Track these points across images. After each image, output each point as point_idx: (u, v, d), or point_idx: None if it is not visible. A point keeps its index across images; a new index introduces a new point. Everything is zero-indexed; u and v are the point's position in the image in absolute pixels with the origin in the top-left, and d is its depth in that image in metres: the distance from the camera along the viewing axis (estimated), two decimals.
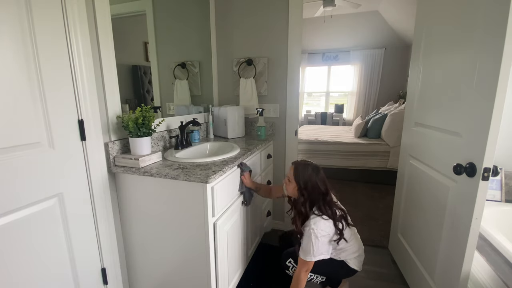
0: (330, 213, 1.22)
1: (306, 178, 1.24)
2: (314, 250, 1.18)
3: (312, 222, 1.20)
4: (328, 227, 1.20)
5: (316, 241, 1.18)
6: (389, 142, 3.26)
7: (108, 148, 1.16)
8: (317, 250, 1.19)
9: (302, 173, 1.25)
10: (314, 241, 1.17)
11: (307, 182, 1.23)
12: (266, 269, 1.72)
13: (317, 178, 1.24)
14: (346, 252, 1.31)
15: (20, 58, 0.85)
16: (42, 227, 0.95)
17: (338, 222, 1.22)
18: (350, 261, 1.32)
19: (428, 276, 1.33)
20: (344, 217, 1.27)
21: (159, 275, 1.27)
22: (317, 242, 1.18)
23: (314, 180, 1.23)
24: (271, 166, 2.06)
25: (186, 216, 1.12)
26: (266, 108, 2.03)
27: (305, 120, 6.38)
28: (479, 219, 0.99)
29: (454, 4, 1.18)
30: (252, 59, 2.00)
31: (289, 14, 1.84)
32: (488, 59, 0.94)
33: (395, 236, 1.80)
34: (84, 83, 1.04)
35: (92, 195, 1.12)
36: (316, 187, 1.23)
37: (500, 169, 1.54)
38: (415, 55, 1.57)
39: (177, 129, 1.59)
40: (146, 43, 1.45)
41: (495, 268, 1.14)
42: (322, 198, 1.24)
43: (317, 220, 1.20)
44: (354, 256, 1.33)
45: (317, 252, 1.19)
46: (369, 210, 2.59)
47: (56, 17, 0.94)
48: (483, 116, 0.95)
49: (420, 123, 1.49)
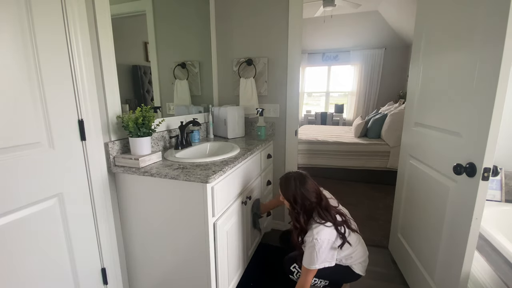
0: (330, 218, 1.20)
1: (292, 192, 1.22)
2: (318, 259, 1.16)
3: (314, 232, 1.17)
4: (330, 234, 1.18)
5: (320, 250, 1.15)
6: (389, 142, 3.26)
7: (108, 148, 1.16)
8: (321, 258, 1.16)
9: (286, 188, 1.24)
10: (318, 250, 1.15)
11: (295, 196, 1.21)
12: (266, 269, 1.72)
13: (303, 189, 1.21)
14: (352, 259, 1.29)
15: (20, 58, 0.85)
16: (42, 227, 0.95)
17: (340, 226, 1.21)
18: (355, 266, 1.31)
19: (428, 276, 1.33)
20: (345, 221, 1.24)
21: (159, 275, 1.27)
22: (320, 250, 1.15)
23: (301, 191, 1.20)
24: (271, 166, 2.06)
25: (186, 216, 1.12)
26: (266, 108, 2.03)
27: (305, 120, 6.38)
28: (479, 219, 0.99)
29: (454, 4, 1.18)
30: (252, 59, 2.00)
31: (289, 14, 1.84)
32: (488, 59, 0.94)
33: (395, 236, 1.80)
34: (84, 83, 1.04)
35: (92, 195, 1.12)
36: (305, 198, 1.20)
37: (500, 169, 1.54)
38: (415, 55, 1.57)
39: (177, 129, 1.59)
40: (146, 43, 1.45)
41: (495, 268, 1.14)
42: (317, 205, 1.22)
43: (320, 229, 1.17)
44: (359, 261, 1.31)
45: (321, 260, 1.16)
46: (369, 210, 2.58)
47: (56, 17, 0.94)
48: (483, 116, 0.95)
49: (420, 123, 1.49)
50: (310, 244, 1.18)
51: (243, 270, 1.55)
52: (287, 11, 1.85)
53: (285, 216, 2.19)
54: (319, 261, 1.16)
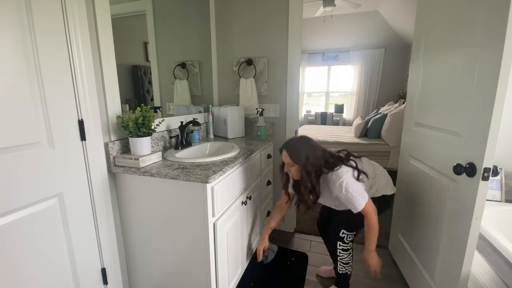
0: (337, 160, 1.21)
1: (305, 151, 1.21)
2: (358, 193, 1.17)
3: (334, 177, 1.18)
4: (347, 171, 1.19)
5: (353, 186, 1.16)
6: (389, 142, 3.26)
7: (108, 148, 1.16)
8: (359, 191, 1.17)
9: (298, 150, 1.22)
10: (352, 187, 1.16)
11: (308, 155, 1.20)
12: (266, 269, 1.72)
13: (312, 146, 1.22)
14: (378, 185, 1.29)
15: (20, 58, 0.85)
16: (42, 227, 0.95)
17: (347, 161, 1.22)
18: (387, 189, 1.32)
19: (428, 276, 1.33)
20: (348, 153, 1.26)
21: (159, 275, 1.27)
22: (353, 186, 1.16)
23: (312, 148, 1.21)
24: (271, 166, 2.06)
25: (186, 216, 1.12)
26: (266, 108, 2.03)
27: (305, 120, 6.39)
28: (479, 219, 0.99)
29: (454, 4, 1.18)
30: (252, 59, 2.00)
31: (289, 14, 1.84)
32: (488, 59, 0.94)
33: (395, 236, 1.80)
34: (84, 83, 1.04)
35: (92, 195, 1.12)
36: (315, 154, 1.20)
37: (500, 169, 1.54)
38: (415, 55, 1.57)
39: (177, 129, 1.59)
40: (146, 43, 1.45)
41: (495, 268, 1.14)
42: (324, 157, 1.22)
43: (336, 173, 1.18)
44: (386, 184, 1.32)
45: (361, 192, 1.18)
46: None
47: (56, 17, 0.94)
48: (483, 116, 0.95)
49: (420, 123, 1.49)
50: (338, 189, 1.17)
51: (243, 270, 1.55)
52: (287, 11, 1.85)
53: (285, 216, 2.18)
54: (360, 194, 1.17)
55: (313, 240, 2.08)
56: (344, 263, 1.42)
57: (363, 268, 1.71)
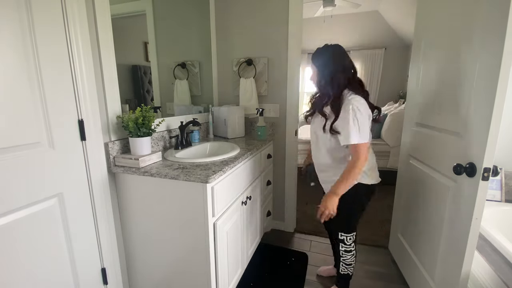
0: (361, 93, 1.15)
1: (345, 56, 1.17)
2: (360, 126, 1.07)
3: (349, 98, 1.11)
4: (365, 103, 1.12)
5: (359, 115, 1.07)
6: (389, 142, 3.26)
7: (108, 148, 1.16)
8: (362, 127, 1.07)
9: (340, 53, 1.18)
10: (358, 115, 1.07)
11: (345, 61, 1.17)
12: (266, 269, 1.72)
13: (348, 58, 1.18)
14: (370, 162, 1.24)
15: (20, 58, 0.85)
16: (42, 227, 0.95)
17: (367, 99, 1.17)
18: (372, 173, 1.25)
19: (428, 276, 1.33)
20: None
21: (159, 275, 1.27)
22: (360, 116, 1.08)
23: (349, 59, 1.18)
24: (271, 166, 2.06)
25: (186, 216, 1.12)
26: (266, 108, 2.03)
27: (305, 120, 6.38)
28: (479, 219, 0.99)
29: (454, 4, 1.18)
30: (252, 59, 2.00)
31: (289, 14, 1.84)
32: (488, 59, 0.94)
33: (395, 236, 1.80)
34: (84, 83, 1.04)
35: (92, 195, 1.12)
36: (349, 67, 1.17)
37: (500, 169, 1.54)
38: (415, 55, 1.57)
39: (177, 129, 1.59)
40: (146, 43, 1.45)
41: (495, 268, 1.14)
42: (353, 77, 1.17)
43: (353, 97, 1.12)
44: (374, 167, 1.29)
45: (363, 128, 1.08)
46: (369, 209, 2.58)
47: (56, 17, 0.94)
48: (483, 116, 0.95)
49: (420, 123, 1.49)
50: (345, 112, 1.10)
51: (243, 270, 1.55)
52: (287, 11, 1.85)
53: (285, 216, 2.19)
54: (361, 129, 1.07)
55: (313, 240, 2.08)
56: (346, 264, 1.42)
57: (362, 268, 1.72)
